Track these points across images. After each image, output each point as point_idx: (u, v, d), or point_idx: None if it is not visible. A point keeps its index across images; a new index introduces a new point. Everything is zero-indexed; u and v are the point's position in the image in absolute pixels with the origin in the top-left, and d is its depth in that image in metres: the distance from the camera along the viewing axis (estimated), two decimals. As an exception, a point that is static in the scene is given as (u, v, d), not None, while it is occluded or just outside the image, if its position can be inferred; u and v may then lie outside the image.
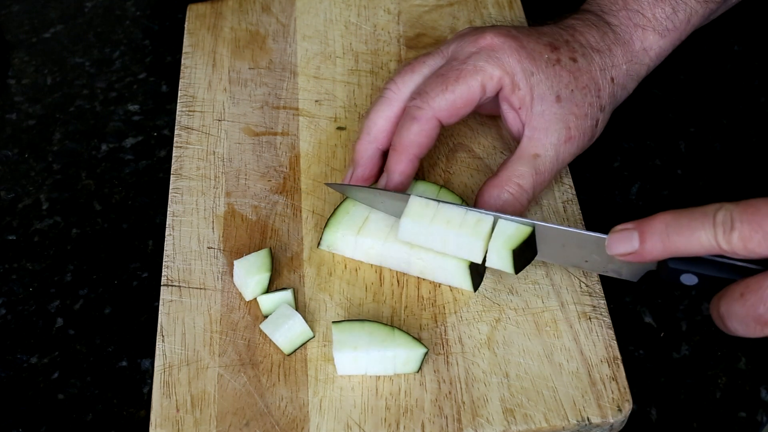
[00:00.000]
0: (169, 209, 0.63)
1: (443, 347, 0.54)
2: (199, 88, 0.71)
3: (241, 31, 0.75)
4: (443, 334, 0.55)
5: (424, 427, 0.51)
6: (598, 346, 0.54)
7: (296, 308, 0.57)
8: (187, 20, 0.76)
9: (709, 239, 0.45)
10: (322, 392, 0.53)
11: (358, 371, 0.53)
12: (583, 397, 0.52)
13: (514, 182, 0.57)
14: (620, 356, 0.53)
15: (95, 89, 0.79)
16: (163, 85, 0.79)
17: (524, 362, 0.53)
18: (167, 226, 0.62)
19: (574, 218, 0.60)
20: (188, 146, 0.67)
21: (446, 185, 0.62)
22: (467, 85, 0.57)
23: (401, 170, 0.58)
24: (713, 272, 0.48)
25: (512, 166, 0.58)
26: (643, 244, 0.48)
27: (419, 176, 0.62)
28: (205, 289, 0.59)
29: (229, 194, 0.64)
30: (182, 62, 0.73)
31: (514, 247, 0.52)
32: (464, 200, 0.60)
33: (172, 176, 0.65)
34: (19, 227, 0.69)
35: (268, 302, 0.56)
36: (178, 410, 0.53)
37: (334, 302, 0.57)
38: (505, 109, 0.60)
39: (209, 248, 0.61)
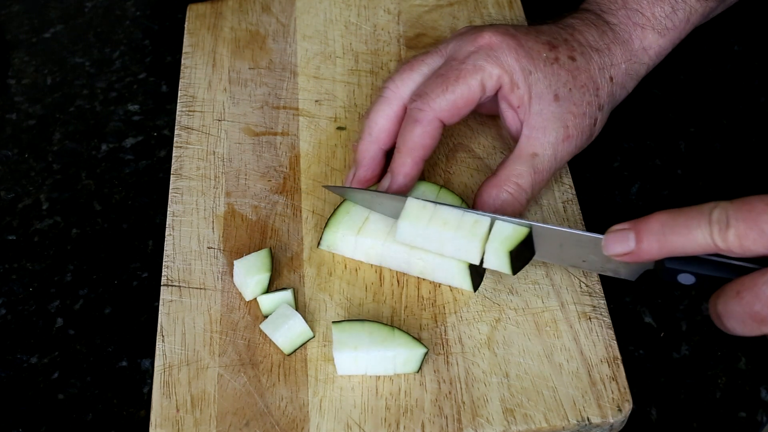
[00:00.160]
0: (169, 209, 0.63)
1: (443, 347, 0.54)
2: (199, 88, 0.71)
3: (241, 31, 0.75)
4: (443, 334, 0.55)
5: (424, 427, 0.51)
6: (598, 346, 0.54)
7: (296, 308, 0.57)
8: (187, 20, 0.76)
9: (705, 238, 0.45)
10: (322, 392, 0.53)
11: (358, 371, 0.53)
12: (583, 397, 0.52)
13: (512, 182, 0.57)
14: (620, 356, 0.53)
15: (95, 89, 0.79)
16: (163, 85, 0.79)
17: (524, 362, 0.53)
18: (167, 226, 0.62)
19: (574, 218, 0.60)
20: (188, 146, 0.67)
21: (446, 185, 0.62)
22: (467, 84, 0.57)
23: (406, 172, 0.58)
24: (710, 271, 0.48)
25: (511, 165, 0.57)
26: (639, 244, 0.48)
27: (419, 176, 0.62)
28: (205, 289, 0.59)
29: (229, 194, 0.64)
30: (182, 62, 0.73)
31: (511, 248, 0.52)
32: (464, 200, 0.60)
33: (172, 176, 0.65)
34: (19, 227, 0.69)
35: (268, 302, 0.56)
36: (178, 410, 0.53)
37: (334, 302, 0.57)
38: (503, 108, 0.60)
39: (209, 248, 0.61)
